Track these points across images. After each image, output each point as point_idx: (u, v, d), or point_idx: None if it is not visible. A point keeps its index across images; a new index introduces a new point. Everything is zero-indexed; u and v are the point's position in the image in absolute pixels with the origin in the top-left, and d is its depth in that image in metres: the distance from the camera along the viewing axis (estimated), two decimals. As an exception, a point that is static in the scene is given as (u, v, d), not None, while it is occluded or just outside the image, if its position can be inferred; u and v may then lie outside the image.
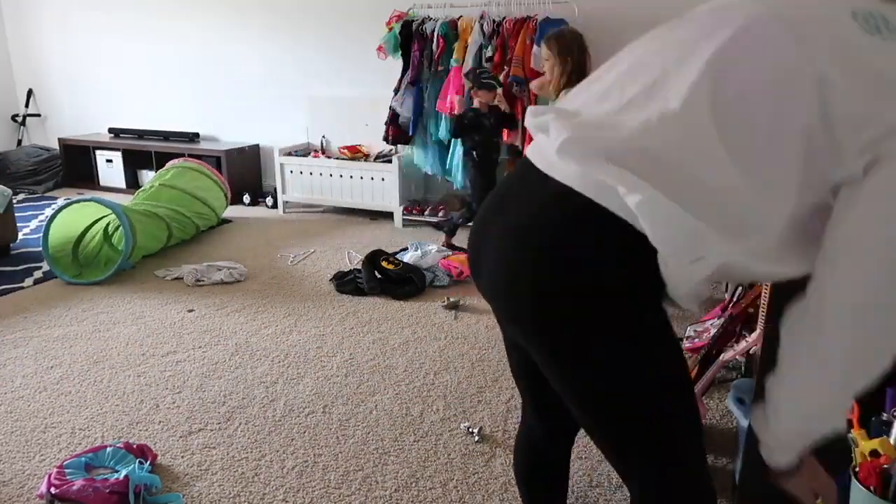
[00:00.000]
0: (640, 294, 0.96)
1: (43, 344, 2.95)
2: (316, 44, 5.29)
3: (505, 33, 4.17)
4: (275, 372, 2.68)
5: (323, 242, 4.45)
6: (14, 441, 2.22)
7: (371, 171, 4.89)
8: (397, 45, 4.54)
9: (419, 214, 4.82)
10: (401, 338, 2.99)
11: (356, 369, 2.70)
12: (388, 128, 4.67)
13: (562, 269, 0.94)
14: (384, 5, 4.74)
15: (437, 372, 2.68)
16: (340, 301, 3.42)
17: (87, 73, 6.32)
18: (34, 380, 2.63)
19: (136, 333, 3.06)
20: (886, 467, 1.25)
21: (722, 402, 2.43)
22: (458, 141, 4.40)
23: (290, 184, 5.19)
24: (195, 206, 4.41)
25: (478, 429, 2.24)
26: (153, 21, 5.86)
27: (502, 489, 1.96)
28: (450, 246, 4.15)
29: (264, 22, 5.43)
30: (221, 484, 2.00)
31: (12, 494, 1.96)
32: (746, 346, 1.90)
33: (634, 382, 0.99)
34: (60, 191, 6.04)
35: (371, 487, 1.98)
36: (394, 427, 2.29)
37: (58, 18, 6.28)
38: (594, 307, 0.95)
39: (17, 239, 4.27)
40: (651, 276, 0.93)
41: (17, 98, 6.71)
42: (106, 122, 6.31)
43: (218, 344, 2.94)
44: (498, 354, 2.82)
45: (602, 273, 0.94)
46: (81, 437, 2.24)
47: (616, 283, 0.94)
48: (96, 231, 4.07)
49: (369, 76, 5.07)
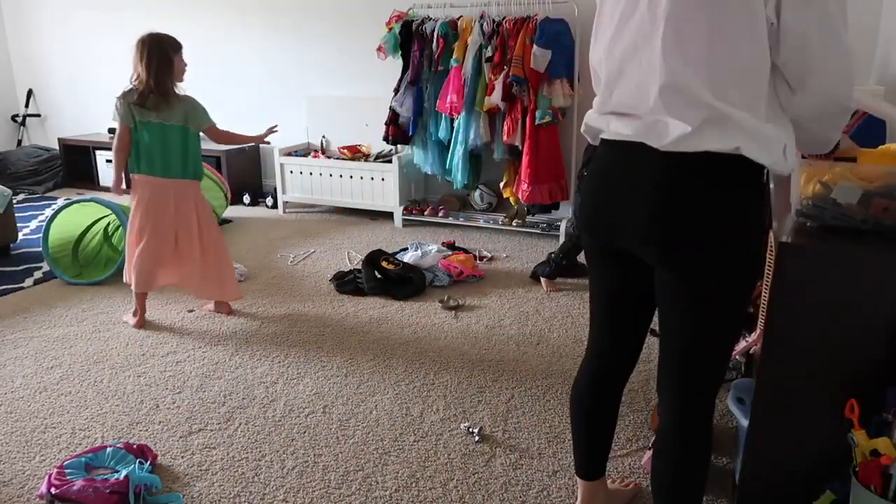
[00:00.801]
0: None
1: (43, 344, 2.95)
2: (316, 44, 5.29)
3: (505, 33, 4.17)
4: (275, 372, 2.68)
5: (323, 242, 4.45)
6: (14, 441, 2.23)
7: (371, 171, 4.89)
8: (397, 45, 4.53)
9: (419, 214, 4.82)
10: (401, 338, 2.99)
11: (356, 369, 2.70)
12: (388, 128, 4.66)
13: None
14: (384, 5, 4.74)
15: (437, 372, 2.68)
16: (340, 301, 3.42)
17: (87, 74, 6.32)
18: (34, 380, 2.63)
19: (136, 333, 3.05)
20: (886, 467, 1.25)
21: (722, 402, 2.42)
22: (458, 141, 4.40)
23: (290, 184, 5.19)
24: (195, 206, 4.40)
25: (478, 429, 2.24)
26: (153, 21, 5.83)
27: (502, 489, 1.96)
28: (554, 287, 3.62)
29: (265, 22, 5.43)
30: (221, 484, 2.00)
31: (12, 494, 1.96)
32: (746, 346, 1.90)
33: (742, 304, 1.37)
34: (60, 191, 6.04)
35: (371, 487, 1.98)
36: (394, 427, 2.29)
37: (58, 19, 6.28)
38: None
39: (18, 239, 4.27)
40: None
41: (17, 98, 6.71)
42: (106, 122, 6.30)
43: (218, 344, 2.94)
44: (498, 355, 2.82)
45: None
46: (81, 438, 2.24)
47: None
48: (96, 231, 4.07)
49: (369, 76, 5.07)
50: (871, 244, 1.38)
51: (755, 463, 1.54)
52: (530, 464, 2.08)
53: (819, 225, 1.45)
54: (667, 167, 1.26)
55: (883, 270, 1.34)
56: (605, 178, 1.40)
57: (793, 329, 1.42)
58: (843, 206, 1.42)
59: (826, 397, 1.42)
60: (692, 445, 1.43)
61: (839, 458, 1.42)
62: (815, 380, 1.43)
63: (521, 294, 3.51)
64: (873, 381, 1.37)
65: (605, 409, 1.66)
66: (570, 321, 3.15)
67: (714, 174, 1.23)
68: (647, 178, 1.29)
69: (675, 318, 1.36)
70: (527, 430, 2.27)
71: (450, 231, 4.67)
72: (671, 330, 1.38)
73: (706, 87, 1.19)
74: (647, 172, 1.29)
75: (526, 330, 3.07)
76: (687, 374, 1.39)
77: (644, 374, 2.62)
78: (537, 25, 4.06)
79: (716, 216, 1.24)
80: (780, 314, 1.41)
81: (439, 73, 4.45)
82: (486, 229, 4.66)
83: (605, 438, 1.70)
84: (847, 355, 1.40)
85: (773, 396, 1.48)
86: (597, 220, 1.43)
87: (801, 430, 1.47)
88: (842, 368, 1.41)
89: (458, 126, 4.40)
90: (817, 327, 1.40)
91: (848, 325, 1.38)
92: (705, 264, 1.27)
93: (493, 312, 3.27)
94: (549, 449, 2.16)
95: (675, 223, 1.26)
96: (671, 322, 1.37)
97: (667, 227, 1.27)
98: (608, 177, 1.39)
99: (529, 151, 4.18)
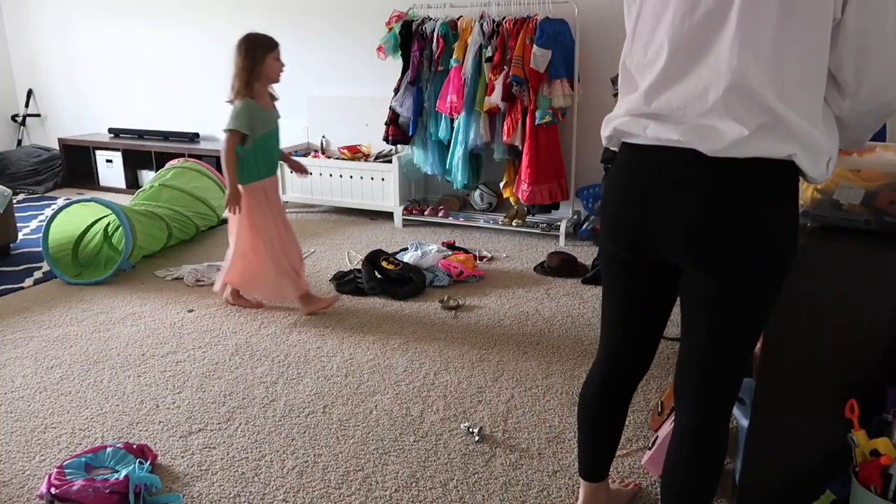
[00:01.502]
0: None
1: (43, 344, 2.95)
2: (316, 44, 5.29)
3: (505, 33, 4.17)
4: (275, 372, 2.68)
5: (323, 242, 4.45)
6: (14, 441, 2.23)
7: (371, 171, 4.89)
8: (397, 45, 4.53)
9: (419, 214, 4.82)
10: (401, 338, 2.99)
11: (356, 369, 2.70)
12: (388, 128, 4.66)
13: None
14: (384, 5, 4.74)
15: (437, 372, 2.68)
16: (340, 301, 3.42)
17: (87, 74, 6.32)
18: (34, 380, 2.63)
19: (136, 334, 3.06)
20: (886, 467, 1.25)
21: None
22: (458, 141, 4.40)
23: (289, 184, 5.19)
24: (195, 206, 4.41)
25: (478, 429, 2.24)
26: (153, 21, 5.87)
27: (502, 489, 1.97)
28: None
29: (265, 22, 5.42)
30: (221, 484, 2.00)
31: (12, 494, 1.96)
32: (746, 346, 1.90)
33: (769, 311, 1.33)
34: (60, 191, 6.04)
35: (371, 487, 1.98)
36: (394, 427, 2.29)
37: (58, 18, 6.28)
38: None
39: (18, 239, 4.27)
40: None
41: (17, 98, 6.71)
42: (106, 122, 6.31)
43: (218, 344, 2.94)
44: (498, 355, 2.82)
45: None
46: (81, 438, 2.24)
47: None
48: (96, 231, 4.07)
49: (369, 76, 5.07)
50: (872, 244, 1.38)
51: (755, 463, 1.54)
52: (530, 464, 2.08)
53: (819, 225, 1.45)
54: (714, 171, 1.22)
55: (883, 270, 1.34)
56: (634, 184, 1.35)
57: (793, 329, 1.42)
58: (845, 208, 1.42)
59: (826, 397, 1.42)
60: (708, 449, 1.42)
61: (839, 458, 1.42)
62: (815, 380, 1.43)
63: (521, 294, 3.51)
64: (873, 381, 1.37)
65: (615, 412, 1.67)
66: (570, 321, 3.15)
67: (761, 180, 1.21)
68: (691, 183, 1.25)
69: (705, 322, 1.33)
70: (527, 430, 2.27)
71: (450, 231, 4.67)
72: (698, 334, 1.36)
73: (772, 88, 1.16)
74: (691, 177, 1.25)
75: (526, 330, 3.07)
76: (710, 377, 1.37)
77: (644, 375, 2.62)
78: (537, 25, 4.05)
79: (762, 222, 1.22)
80: (781, 314, 1.41)
81: (439, 73, 4.45)
82: (486, 229, 4.66)
83: (612, 441, 1.70)
84: (847, 355, 1.40)
85: (773, 396, 1.48)
86: (624, 226, 1.39)
87: (801, 430, 1.48)
88: (842, 368, 1.41)
89: (458, 126, 4.40)
90: (817, 327, 1.40)
91: (848, 325, 1.38)
92: (748, 271, 1.25)
93: (493, 312, 3.27)
94: (549, 449, 2.16)
95: (721, 229, 1.23)
96: (699, 326, 1.35)
97: (713, 233, 1.24)
98: (638, 182, 1.34)
99: (529, 151, 4.18)
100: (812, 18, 1.13)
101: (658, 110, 1.29)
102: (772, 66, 1.16)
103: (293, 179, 5.16)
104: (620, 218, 1.39)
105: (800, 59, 1.15)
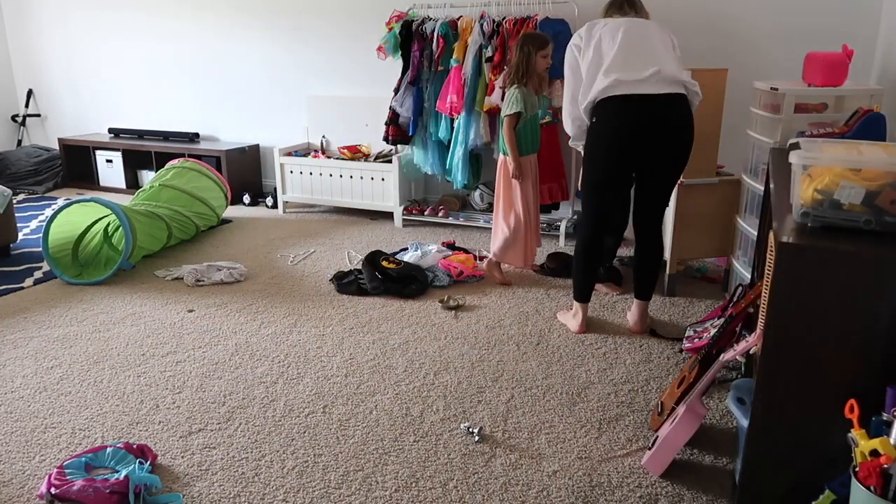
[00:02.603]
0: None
1: (43, 344, 2.95)
2: (316, 44, 5.29)
3: (505, 33, 4.17)
4: (275, 372, 2.68)
5: (323, 242, 4.45)
6: (14, 441, 2.23)
7: (371, 171, 4.89)
8: (397, 45, 4.53)
9: (419, 214, 4.82)
10: (401, 338, 2.99)
11: (356, 369, 2.70)
12: (388, 128, 4.66)
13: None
14: (384, 5, 4.74)
15: (437, 372, 2.68)
16: (340, 301, 3.42)
17: (87, 74, 6.32)
18: (34, 380, 2.63)
19: (136, 334, 3.06)
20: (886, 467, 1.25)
21: (722, 402, 2.43)
22: (458, 141, 4.40)
23: (290, 184, 5.19)
24: (195, 206, 4.41)
25: (478, 429, 2.24)
26: (153, 21, 5.86)
27: (502, 489, 1.97)
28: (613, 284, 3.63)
29: (264, 22, 5.43)
30: (221, 484, 2.00)
31: (12, 494, 1.96)
32: (746, 346, 1.90)
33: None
34: (60, 191, 6.04)
35: (371, 487, 1.98)
36: (394, 427, 2.29)
37: (58, 18, 6.28)
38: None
39: (18, 239, 4.27)
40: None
41: (17, 98, 6.71)
42: (106, 122, 6.31)
43: (218, 344, 2.94)
44: (498, 355, 2.82)
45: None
46: (81, 438, 2.24)
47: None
48: (96, 231, 4.07)
49: (369, 76, 5.07)
50: (872, 244, 1.38)
51: (755, 463, 1.54)
52: (530, 464, 2.09)
53: (819, 225, 1.45)
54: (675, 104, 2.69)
55: (883, 270, 1.34)
56: (628, 117, 2.67)
57: (793, 329, 1.42)
58: (845, 208, 1.42)
59: (826, 397, 1.42)
60: (660, 244, 2.97)
61: (839, 458, 1.42)
62: (815, 380, 1.43)
63: (521, 294, 3.51)
64: (873, 381, 1.37)
65: (599, 249, 2.95)
66: (570, 321, 3.15)
67: (684, 105, 2.71)
68: (663, 111, 2.67)
69: (665, 182, 2.82)
70: (527, 430, 2.27)
71: (450, 231, 4.67)
72: (661, 186, 2.82)
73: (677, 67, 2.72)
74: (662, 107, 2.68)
75: (526, 330, 3.07)
76: (662, 206, 2.88)
77: (644, 375, 2.62)
78: (537, 25, 4.06)
79: (689, 125, 2.72)
80: (780, 314, 1.41)
81: (439, 73, 4.45)
82: (486, 229, 4.65)
83: (596, 270, 3.06)
84: (847, 355, 1.40)
85: (773, 396, 1.48)
86: (631, 150, 2.70)
87: (801, 429, 1.47)
88: (842, 368, 1.41)
89: (458, 126, 4.40)
90: (817, 327, 1.40)
91: (848, 325, 1.38)
92: (686, 155, 2.76)
93: (493, 312, 3.27)
94: (549, 449, 2.16)
95: (687, 137, 2.73)
96: (662, 183, 2.82)
97: (686, 140, 2.73)
98: (627, 116, 2.68)
99: (529, 151, 4.18)
100: (669, 47, 2.73)
101: (625, 78, 2.64)
102: (673, 60, 2.71)
103: (293, 179, 5.16)
104: (630, 145, 2.70)
105: (674, 58, 2.72)
